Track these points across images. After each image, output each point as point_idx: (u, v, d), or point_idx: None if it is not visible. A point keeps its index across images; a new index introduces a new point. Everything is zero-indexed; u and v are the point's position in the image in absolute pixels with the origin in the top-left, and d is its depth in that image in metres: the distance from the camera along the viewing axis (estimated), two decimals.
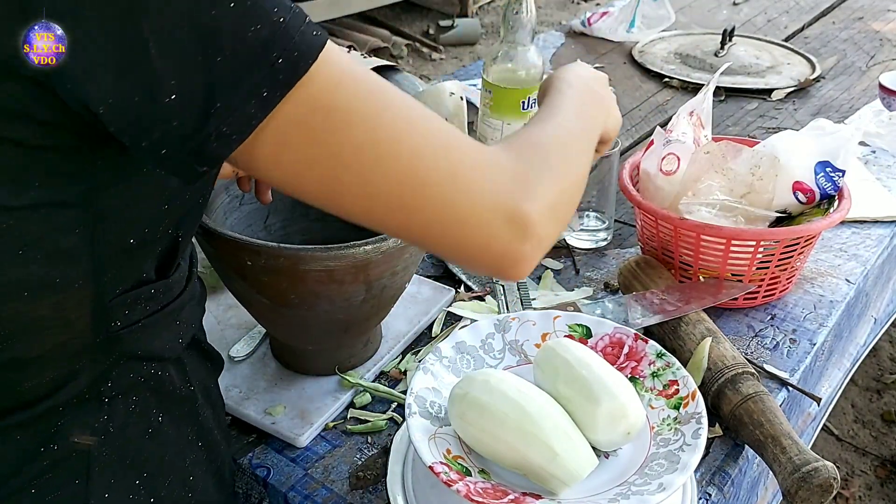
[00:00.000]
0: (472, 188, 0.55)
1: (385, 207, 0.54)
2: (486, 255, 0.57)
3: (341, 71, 0.51)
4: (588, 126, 0.73)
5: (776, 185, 0.98)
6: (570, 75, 0.78)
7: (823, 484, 0.72)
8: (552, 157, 0.62)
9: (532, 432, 0.66)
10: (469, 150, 0.56)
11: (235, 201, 0.89)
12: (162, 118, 0.47)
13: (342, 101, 0.51)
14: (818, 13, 2.14)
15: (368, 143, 0.52)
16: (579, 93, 0.74)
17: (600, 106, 0.78)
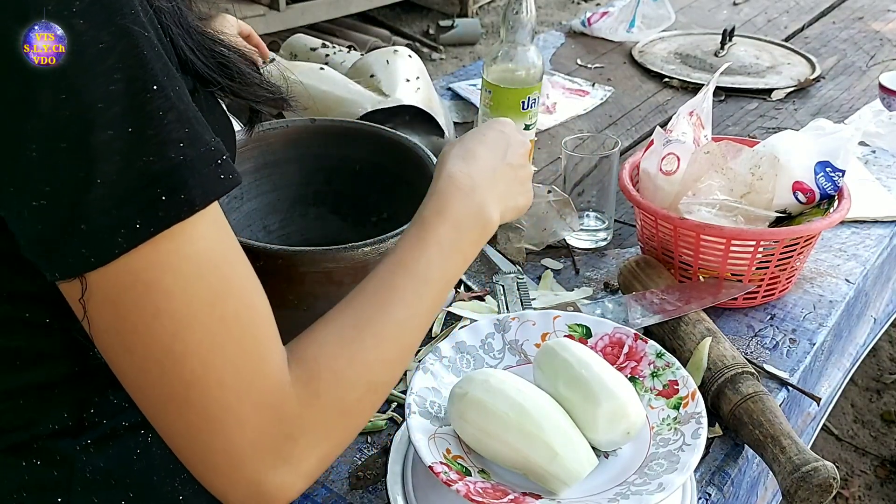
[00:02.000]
0: (233, 430, 0.51)
1: (149, 403, 0.52)
2: (222, 496, 0.54)
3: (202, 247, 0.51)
4: (446, 284, 0.67)
5: (776, 185, 0.98)
6: (458, 171, 0.70)
7: (823, 484, 0.71)
8: (353, 402, 0.58)
9: (532, 432, 0.66)
10: (255, 388, 0.52)
11: (235, 202, 0.89)
12: (27, 216, 0.46)
13: (173, 281, 0.49)
14: (818, 13, 2.14)
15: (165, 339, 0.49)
16: (453, 223, 0.67)
17: (484, 227, 0.70)
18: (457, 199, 0.69)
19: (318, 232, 0.94)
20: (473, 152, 0.73)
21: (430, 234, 0.67)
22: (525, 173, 0.77)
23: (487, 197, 0.70)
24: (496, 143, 0.75)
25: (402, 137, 0.90)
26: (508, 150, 0.75)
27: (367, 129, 0.93)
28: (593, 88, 1.67)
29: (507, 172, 0.74)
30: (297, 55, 1.41)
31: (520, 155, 0.76)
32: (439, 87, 1.64)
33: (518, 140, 0.76)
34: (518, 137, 0.77)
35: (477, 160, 0.72)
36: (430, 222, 0.68)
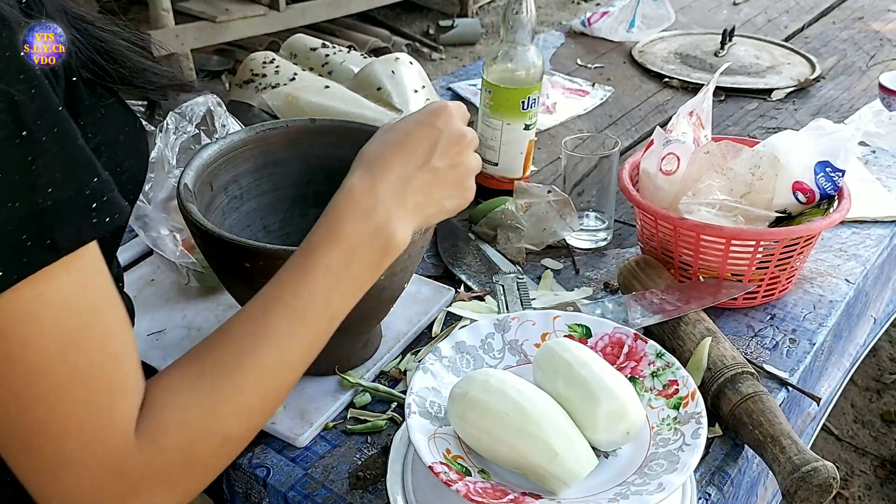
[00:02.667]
0: (73, 480, 0.51)
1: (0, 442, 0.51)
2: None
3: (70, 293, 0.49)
4: (331, 318, 0.62)
5: (776, 185, 0.98)
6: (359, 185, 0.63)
7: (823, 484, 0.72)
8: (203, 455, 0.56)
9: (532, 432, 0.66)
10: (99, 439, 0.51)
11: (235, 202, 0.89)
12: None
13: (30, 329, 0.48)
14: (818, 13, 2.14)
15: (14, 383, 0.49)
16: (345, 248, 0.61)
17: (385, 249, 0.63)
18: (352, 220, 0.62)
19: None
20: (385, 159, 0.65)
21: (317, 261, 0.61)
22: (459, 172, 0.68)
23: (393, 214, 0.63)
24: (420, 143, 0.66)
25: None
26: (437, 149, 0.66)
27: (367, 129, 0.93)
28: (593, 88, 1.67)
29: (429, 178, 0.65)
30: (297, 55, 1.41)
31: (454, 152, 0.67)
32: (439, 87, 1.64)
33: (454, 133, 0.67)
34: (455, 129, 0.67)
35: (386, 169, 0.64)
36: (317, 247, 0.61)
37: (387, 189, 0.64)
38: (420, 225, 0.67)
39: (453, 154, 0.67)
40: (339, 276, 0.61)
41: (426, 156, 0.66)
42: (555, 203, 1.10)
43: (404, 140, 0.66)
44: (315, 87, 1.24)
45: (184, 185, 0.79)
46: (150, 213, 0.96)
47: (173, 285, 1.03)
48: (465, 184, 0.69)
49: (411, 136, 0.66)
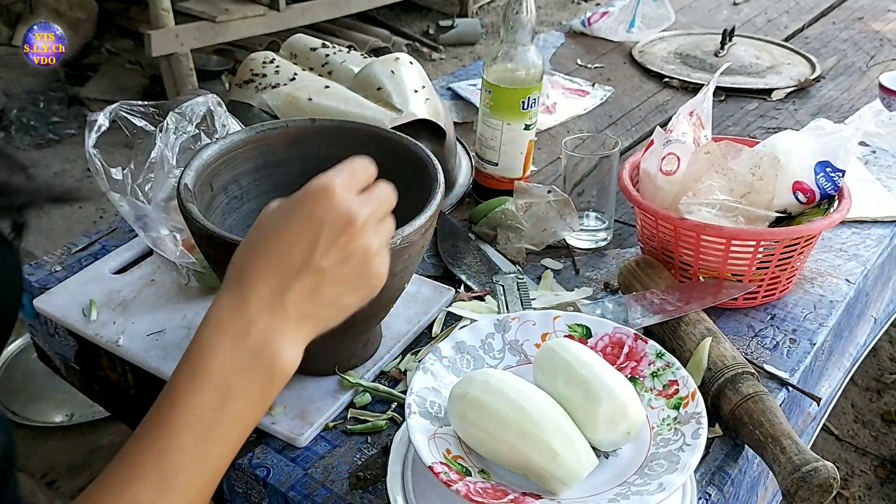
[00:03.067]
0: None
1: None
2: None
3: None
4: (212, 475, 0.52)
5: (776, 185, 0.98)
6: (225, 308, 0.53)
7: (823, 484, 0.71)
8: None
9: (532, 432, 0.66)
10: None
11: (235, 202, 0.89)
12: None
13: None
14: (818, 13, 2.14)
15: None
16: (217, 386, 0.51)
17: (270, 373, 0.53)
18: (220, 350, 0.52)
19: None
20: (256, 268, 0.54)
21: (182, 410, 0.51)
22: (354, 262, 0.56)
23: (272, 332, 0.53)
24: (296, 242, 0.54)
25: (402, 137, 0.90)
26: (319, 244, 0.54)
27: (367, 129, 0.93)
28: (593, 88, 1.67)
29: (314, 281, 0.55)
30: (297, 55, 1.41)
31: (342, 244, 0.55)
32: (439, 87, 1.64)
33: (339, 219, 0.54)
34: (340, 214, 0.54)
35: (257, 281, 0.54)
36: (181, 391, 0.51)
37: (260, 305, 0.53)
38: (312, 335, 0.57)
39: (341, 245, 0.55)
40: (214, 423, 0.51)
41: (306, 256, 0.54)
42: (555, 203, 1.10)
43: (276, 241, 0.55)
44: (315, 87, 1.24)
45: (184, 185, 0.79)
46: (150, 213, 0.96)
47: (173, 285, 1.03)
48: (367, 272, 0.58)
49: (285, 234, 0.54)
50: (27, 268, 1.09)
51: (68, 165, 3.16)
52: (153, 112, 1.05)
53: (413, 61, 1.33)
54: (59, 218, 2.85)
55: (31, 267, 1.09)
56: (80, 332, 0.98)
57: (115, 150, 1.04)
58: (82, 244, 1.14)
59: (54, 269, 1.08)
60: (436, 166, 0.84)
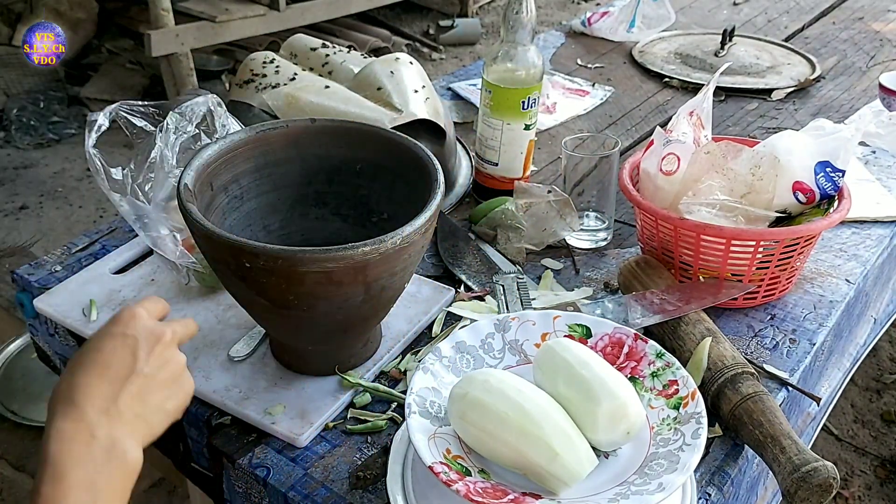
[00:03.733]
0: None
1: None
2: None
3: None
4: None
5: (776, 185, 0.98)
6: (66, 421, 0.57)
7: (823, 484, 0.72)
8: None
9: (532, 432, 0.66)
10: None
11: (235, 202, 0.89)
12: None
13: None
14: (818, 13, 2.14)
15: None
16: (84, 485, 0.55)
17: (124, 467, 0.58)
18: (75, 460, 0.56)
19: (319, 232, 0.94)
20: (84, 384, 0.59)
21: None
22: (172, 370, 0.64)
23: (115, 431, 0.58)
24: (118, 356, 0.61)
25: (402, 137, 0.90)
26: (140, 354, 0.62)
27: (367, 129, 0.93)
28: (593, 88, 1.67)
29: (141, 385, 0.61)
30: (297, 55, 1.41)
31: (158, 352, 0.63)
32: (439, 87, 1.64)
33: (150, 334, 0.63)
34: (150, 330, 0.64)
35: (89, 394, 0.59)
36: (51, 501, 0.54)
37: (97, 411, 0.58)
38: (146, 437, 0.61)
39: (158, 354, 0.63)
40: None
41: (129, 366, 0.61)
42: (555, 203, 1.10)
43: (98, 359, 0.61)
44: (315, 87, 1.24)
45: (184, 185, 0.79)
46: (150, 213, 0.96)
47: (173, 285, 1.03)
48: (181, 380, 0.66)
49: (105, 352, 0.61)
50: (27, 267, 1.09)
51: (68, 165, 3.16)
52: (153, 112, 1.05)
53: (413, 61, 1.33)
54: (59, 218, 2.85)
55: (31, 267, 1.09)
56: (80, 332, 0.98)
57: (115, 150, 1.04)
58: (82, 244, 1.14)
59: (54, 269, 1.08)
60: (436, 166, 0.84)
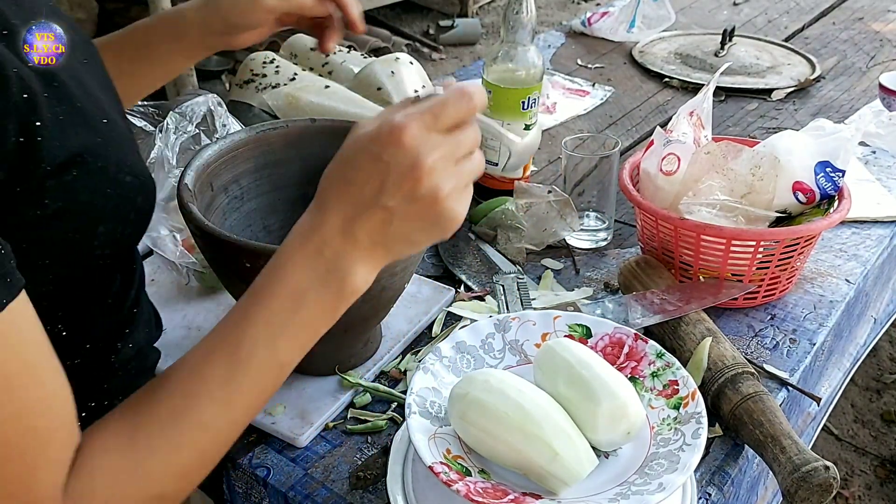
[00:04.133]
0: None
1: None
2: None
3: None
4: (279, 369, 0.59)
5: (776, 185, 0.98)
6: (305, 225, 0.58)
7: (823, 484, 0.71)
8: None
9: (532, 432, 0.66)
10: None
11: (235, 202, 0.89)
12: None
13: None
14: (818, 13, 2.14)
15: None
16: (291, 294, 0.57)
17: (339, 291, 0.58)
18: (299, 261, 0.57)
19: None
20: (332, 193, 0.58)
21: (260, 308, 0.57)
22: (422, 205, 0.56)
23: (344, 254, 0.57)
24: (366, 178, 0.56)
25: None
26: (386, 186, 0.55)
27: None
28: (593, 88, 1.67)
29: (381, 217, 0.56)
30: (297, 55, 1.41)
31: (407, 188, 0.55)
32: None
33: (404, 165, 0.55)
34: (406, 160, 0.55)
35: (332, 206, 0.57)
36: (260, 293, 0.57)
37: (334, 228, 0.57)
38: (384, 262, 0.60)
39: (407, 190, 0.55)
40: (286, 323, 0.57)
41: (374, 194, 0.56)
42: (555, 203, 1.10)
43: (351, 174, 0.57)
44: (315, 87, 1.24)
45: (184, 185, 0.79)
46: None
47: (173, 285, 1.03)
48: (436, 214, 0.57)
49: (357, 170, 0.57)
50: None
51: None
52: (153, 112, 1.05)
53: (413, 61, 1.33)
54: None
55: None
56: None
57: None
58: None
59: None
60: None
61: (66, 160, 0.56)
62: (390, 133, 0.55)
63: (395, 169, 0.55)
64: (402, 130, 0.55)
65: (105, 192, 0.61)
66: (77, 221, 0.58)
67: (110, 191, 0.61)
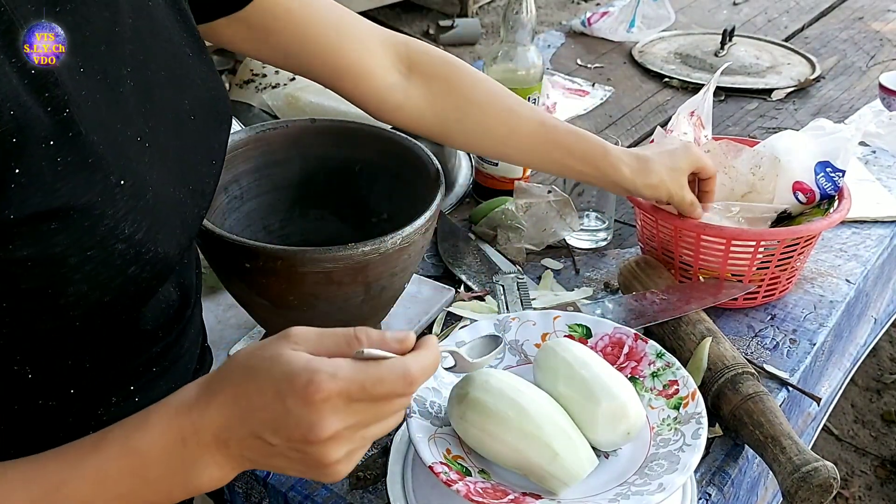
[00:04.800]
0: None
1: None
2: None
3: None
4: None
5: (776, 185, 0.98)
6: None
7: (823, 484, 0.71)
8: None
9: (532, 432, 0.66)
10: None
11: (235, 202, 0.89)
12: None
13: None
14: (818, 13, 2.14)
15: None
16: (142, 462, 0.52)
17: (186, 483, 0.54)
18: (159, 433, 0.53)
19: (318, 233, 0.94)
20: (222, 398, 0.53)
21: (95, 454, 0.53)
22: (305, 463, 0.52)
23: (209, 455, 0.53)
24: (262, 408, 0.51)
25: (402, 137, 0.90)
26: (277, 427, 0.51)
27: (367, 129, 0.93)
28: (593, 88, 1.67)
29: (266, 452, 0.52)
30: None
31: (296, 440, 0.51)
32: None
33: (305, 422, 0.50)
34: (311, 418, 0.50)
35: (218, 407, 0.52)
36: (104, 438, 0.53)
37: (211, 427, 0.52)
38: (242, 470, 0.55)
39: (297, 441, 0.51)
40: (117, 480, 0.52)
41: (263, 425, 0.51)
42: (555, 203, 1.10)
43: (250, 389, 0.52)
44: (315, 87, 1.24)
45: None
46: None
47: None
48: (318, 469, 0.52)
49: (259, 392, 0.51)
50: None
51: None
52: None
53: None
54: None
55: None
56: None
57: None
58: None
59: None
60: (436, 166, 0.85)
61: (45, 211, 0.51)
62: (305, 386, 0.49)
63: (293, 420, 0.50)
64: (317, 391, 0.49)
65: (84, 252, 0.54)
66: (44, 273, 0.53)
67: (92, 253, 0.54)
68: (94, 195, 0.53)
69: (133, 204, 0.56)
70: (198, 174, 0.65)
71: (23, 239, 0.50)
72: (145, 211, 0.57)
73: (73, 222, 0.52)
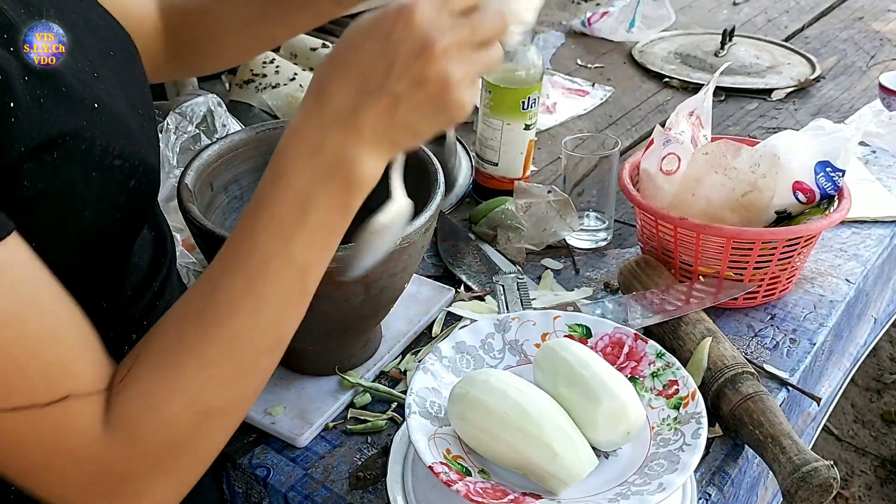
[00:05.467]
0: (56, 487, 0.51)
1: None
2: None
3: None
4: (299, 272, 0.56)
5: (776, 185, 0.98)
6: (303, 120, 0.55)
7: (823, 484, 0.71)
8: (186, 435, 0.54)
9: (532, 432, 0.66)
10: (66, 447, 0.50)
11: (235, 202, 0.90)
12: None
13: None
14: (818, 13, 2.14)
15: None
16: (296, 194, 0.54)
17: (347, 185, 0.55)
18: (299, 161, 0.54)
19: None
20: (331, 84, 0.54)
21: (265, 217, 0.54)
22: (431, 90, 0.53)
23: (347, 146, 0.54)
24: (370, 64, 0.52)
25: None
26: (393, 69, 0.52)
27: None
28: (593, 88, 1.67)
29: (387, 103, 0.53)
30: (297, 55, 1.41)
31: (416, 69, 0.52)
32: None
33: (414, 44, 0.51)
34: (416, 38, 0.51)
35: (332, 97, 0.54)
36: (263, 202, 0.55)
37: (334, 119, 0.53)
38: (388, 154, 0.56)
39: (416, 72, 0.52)
40: (297, 229, 0.54)
41: (381, 78, 0.52)
42: (555, 203, 1.10)
43: (355, 59, 0.53)
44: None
45: (184, 185, 0.79)
46: None
47: None
48: (445, 101, 0.53)
49: (363, 53, 0.53)
50: None
51: None
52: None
53: None
54: None
55: None
56: None
57: None
58: None
59: None
60: (436, 166, 0.84)
61: (45, 142, 0.54)
62: (399, 12, 0.51)
63: (403, 49, 0.51)
64: (413, 8, 0.51)
65: (89, 175, 0.58)
66: (59, 205, 0.57)
67: (95, 174, 0.58)
68: (79, 119, 0.56)
69: (112, 123, 0.59)
70: (141, 100, 0.68)
71: (33, 175, 0.53)
72: (121, 128, 0.61)
73: (71, 149, 0.55)
